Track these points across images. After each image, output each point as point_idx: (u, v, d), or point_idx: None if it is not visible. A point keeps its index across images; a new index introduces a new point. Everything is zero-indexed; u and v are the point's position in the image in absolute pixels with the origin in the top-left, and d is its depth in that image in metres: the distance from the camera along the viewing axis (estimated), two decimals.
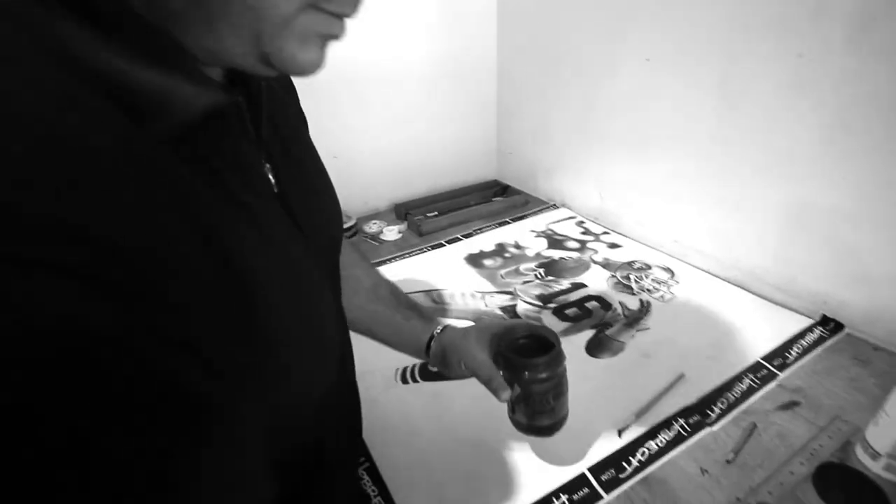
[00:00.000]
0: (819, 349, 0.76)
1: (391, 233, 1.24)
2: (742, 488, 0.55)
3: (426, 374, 0.76)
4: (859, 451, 0.58)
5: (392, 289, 0.59)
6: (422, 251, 1.16)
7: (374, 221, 1.30)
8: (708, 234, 0.98)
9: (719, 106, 0.87)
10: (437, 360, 0.57)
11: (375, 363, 0.78)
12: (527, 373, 0.50)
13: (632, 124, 1.07)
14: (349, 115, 1.27)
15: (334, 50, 0.27)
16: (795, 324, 0.81)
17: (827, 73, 0.71)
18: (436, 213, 1.33)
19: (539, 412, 0.53)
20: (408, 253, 1.15)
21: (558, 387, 0.53)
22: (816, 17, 0.70)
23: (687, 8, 0.87)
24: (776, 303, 0.87)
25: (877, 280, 0.74)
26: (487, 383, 0.52)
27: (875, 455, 0.55)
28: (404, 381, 0.75)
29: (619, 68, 1.04)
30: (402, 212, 1.34)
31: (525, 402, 0.52)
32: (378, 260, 1.12)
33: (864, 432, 0.57)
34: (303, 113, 0.44)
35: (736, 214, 0.91)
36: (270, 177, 0.31)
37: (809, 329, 0.80)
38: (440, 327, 0.57)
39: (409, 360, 0.77)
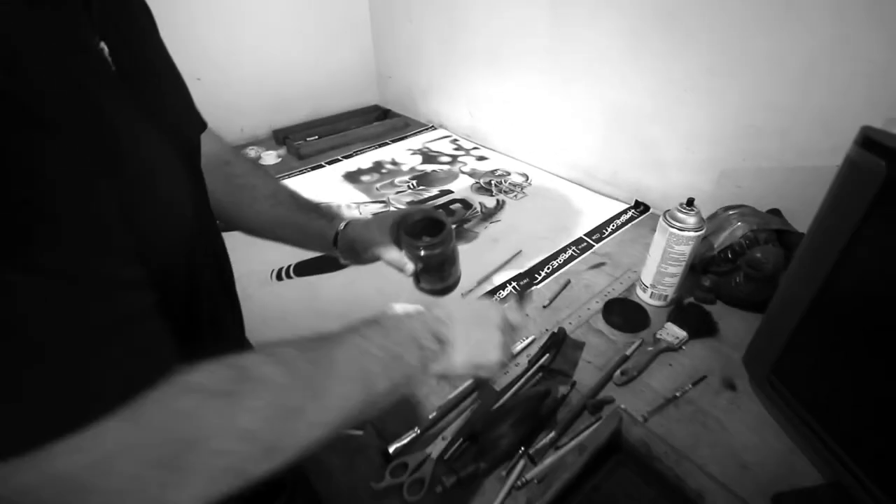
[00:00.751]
0: (629, 225, 0.94)
1: (269, 157, 1.23)
2: (551, 322, 0.71)
3: (300, 271, 0.82)
4: (637, 288, 0.76)
5: (291, 192, 0.60)
6: (301, 172, 1.18)
7: (251, 147, 1.28)
8: (553, 140, 1.12)
9: (551, 18, 0.98)
10: (345, 252, 0.60)
11: (250, 265, 0.83)
12: (422, 250, 0.56)
13: (487, 42, 1.15)
14: (209, 36, 1.20)
15: None
16: (615, 209, 0.99)
17: None
18: (316, 137, 1.34)
19: (437, 279, 0.60)
20: (286, 174, 1.17)
21: (450, 258, 0.60)
22: None
23: None
24: (604, 194, 1.05)
25: (668, 165, 0.93)
26: (394, 262, 0.58)
27: (645, 288, 0.73)
28: (279, 278, 0.81)
29: None
30: (281, 137, 1.33)
31: (425, 272, 0.59)
32: None
33: (640, 274, 0.75)
34: (150, 12, 0.45)
35: (572, 120, 1.06)
36: (107, 55, 0.32)
37: (624, 212, 0.99)
38: (343, 223, 0.59)
39: (280, 263, 0.84)
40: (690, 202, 0.65)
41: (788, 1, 0.68)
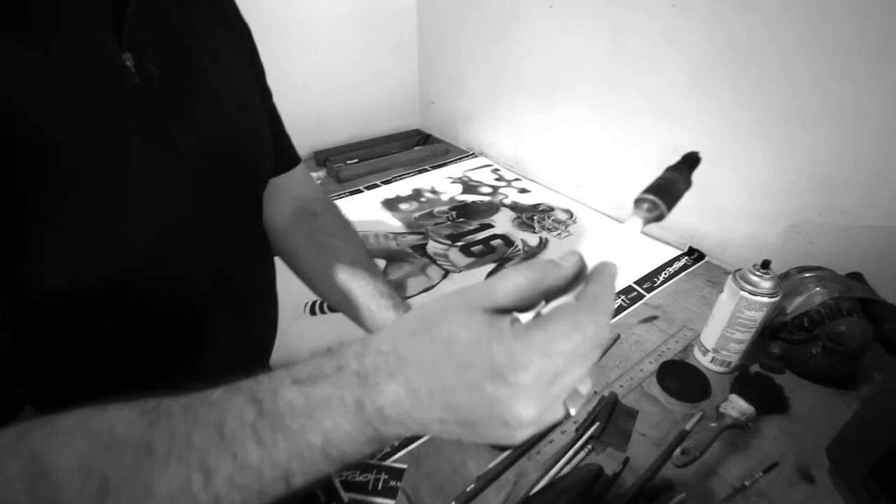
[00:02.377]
0: (682, 274, 0.88)
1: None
2: (600, 384, 0.65)
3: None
4: (696, 350, 0.69)
5: (369, 265, 0.55)
6: (340, 196, 1.17)
7: None
8: (601, 177, 1.07)
9: (610, 52, 0.94)
10: None
11: (284, 297, 0.80)
12: None
13: (539, 71, 1.12)
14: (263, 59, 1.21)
15: None
16: (667, 254, 0.93)
17: (695, 22, 0.79)
18: (356, 160, 1.33)
19: None
20: None
21: None
22: None
23: None
24: (654, 238, 0.99)
25: (727, 214, 0.86)
26: None
27: (705, 351, 0.67)
28: (313, 312, 0.78)
29: (527, 14, 1.07)
30: (322, 159, 1.33)
31: None
32: None
33: (700, 335, 0.69)
34: (237, 22, 0.48)
35: (623, 156, 1.01)
36: (129, 64, 0.33)
37: (677, 258, 0.92)
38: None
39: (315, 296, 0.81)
40: (766, 264, 0.59)
41: (872, 50, 0.62)
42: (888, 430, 0.42)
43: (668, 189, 0.30)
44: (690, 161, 0.33)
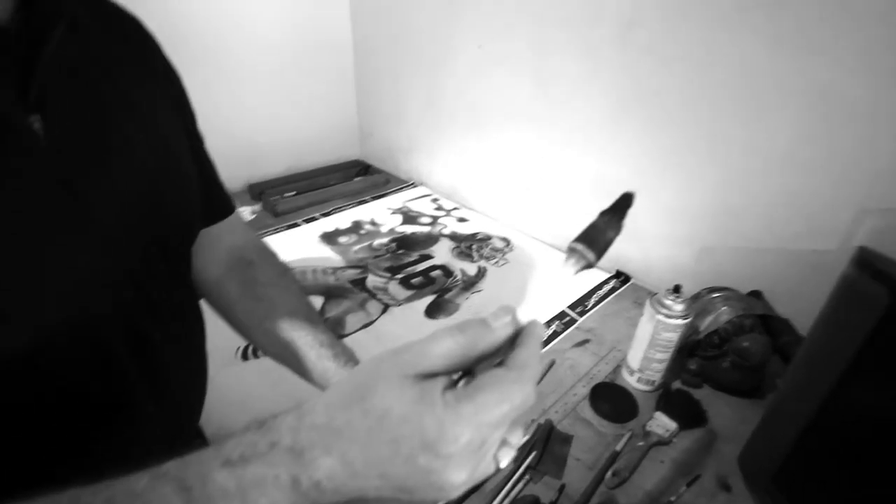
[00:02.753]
0: (611, 297, 0.93)
1: (243, 214, 1.19)
2: (536, 411, 0.67)
3: None
4: (624, 371, 0.73)
5: (308, 315, 0.54)
6: (276, 230, 1.14)
7: None
8: (534, 204, 1.13)
9: (534, 90, 1.00)
10: None
11: (214, 341, 0.77)
12: None
13: (470, 105, 1.16)
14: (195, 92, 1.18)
15: (163, 13, 0.28)
16: (597, 278, 0.98)
17: (607, 65, 0.86)
18: (294, 192, 1.31)
19: None
20: (260, 233, 1.13)
21: None
22: (595, 20, 0.84)
23: (507, 5, 0.97)
24: None
25: (648, 238, 0.93)
26: None
27: (631, 371, 0.71)
28: (244, 357, 0.75)
29: (458, 53, 1.12)
30: (257, 192, 1.29)
31: None
32: None
33: (626, 356, 0.73)
34: (163, 69, 0.46)
35: (552, 185, 1.06)
36: (37, 127, 0.31)
37: (606, 281, 0.98)
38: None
39: None
40: (677, 289, 0.64)
41: (761, 94, 0.70)
42: (784, 438, 0.46)
43: (597, 239, 0.33)
44: (622, 204, 0.34)
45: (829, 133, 0.66)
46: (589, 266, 0.33)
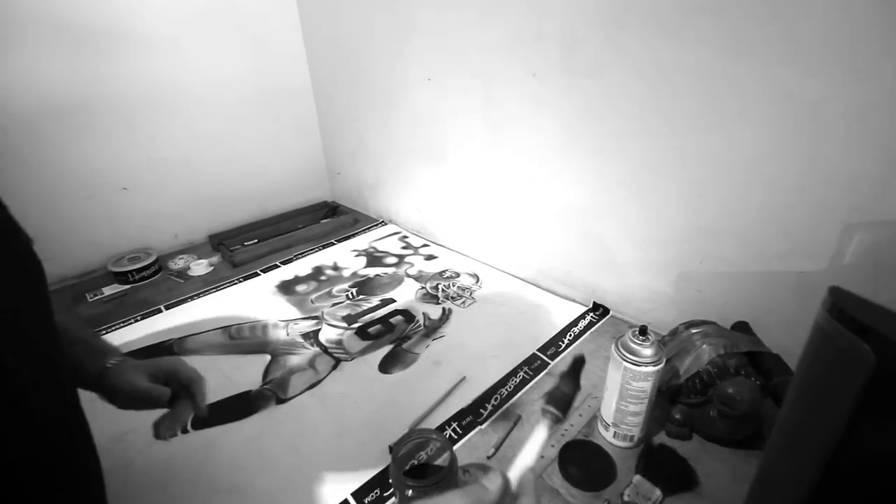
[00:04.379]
0: (588, 333, 0.84)
1: (199, 267, 1.13)
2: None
3: (199, 423, 0.68)
4: (599, 425, 0.64)
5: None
6: (232, 283, 1.07)
7: (181, 256, 1.18)
8: (501, 237, 1.05)
9: (485, 118, 0.95)
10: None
11: (140, 418, 0.69)
12: (411, 490, 0.47)
13: (426, 138, 1.11)
14: (141, 142, 1.14)
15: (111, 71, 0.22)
16: (573, 312, 0.90)
17: (554, 88, 0.80)
18: (255, 240, 1.25)
19: None
20: (215, 287, 1.06)
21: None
22: (536, 42, 0.79)
23: (450, 35, 0.93)
24: (560, 295, 0.96)
25: (622, 266, 0.85)
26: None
27: (607, 426, 0.62)
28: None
29: (409, 87, 1.08)
30: (216, 243, 1.23)
31: None
32: (179, 298, 1.01)
33: (600, 407, 0.64)
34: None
35: (518, 216, 0.99)
36: None
37: (583, 316, 0.89)
38: (115, 360, 0.52)
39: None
40: (644, 330, 0.56)
41: (720, 104, 0.64)
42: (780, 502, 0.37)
43: (561, 399, 0.41)
44: (576, 367, 0.43)
45: (799, 141, 0.59)
46: (559, 421, 0.41)
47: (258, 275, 1.11)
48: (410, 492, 0.48)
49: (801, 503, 0.33)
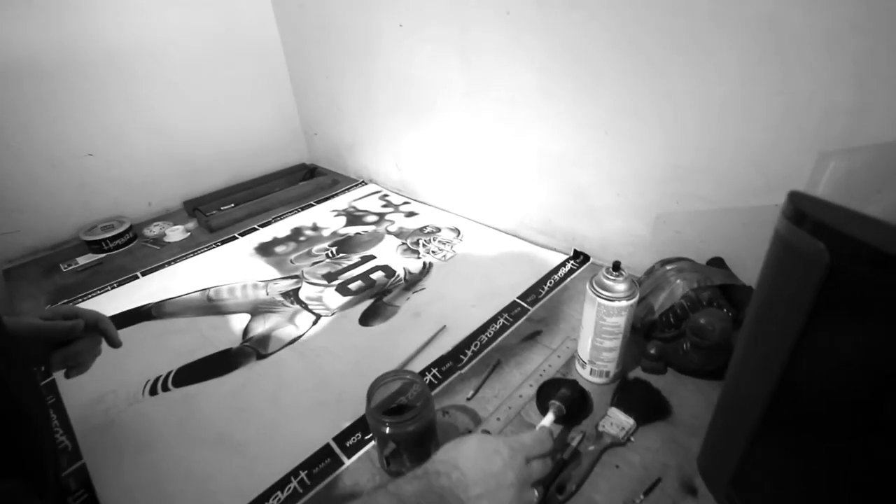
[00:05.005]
0: (568, 280, 0.85)
1: (175, 233, 1.10)
2: (476, 420, 0.59)
3: (181, 379, 0.68)
4: (576, 364, 0.65)
5: None
6: (210, 248, 1.06)
7: (156, 223, 1.15)
8: (482, 189, 1.04)
9: (462, 65, 0.91)
10: None
11: (121, 377, 0.69)
12: (389, 427, 0.49)
13: (401, 92, 1.07)
14: (105, 106, 1.09)
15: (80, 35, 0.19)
16: (554, 261, 0.90)
17: (529, 27, 0.77)
18: (232, 205, 1.23)
19: (416, 459, 0.50)
20: (193, 252, 1.04)
21: (429, 431, 0.52)
22: None
23: None
24: (540, 245, 0.95)
25: (600, 212, 0.85)
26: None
27: (584, 364, 0.62)
28: (153, 392, 0.67)
29: (380, 35, 1.03)
30: (191, 208, 1.21)
31: (397, 455, 0.51)
32: (157, 264, 1.00)
33: (577, 346, 0.64)
34: None
35: (497, 167, 0.97)
36: None
37: (563, 263, 0.89)
38: None
39: (160, 371, 0.70)
40: (617, 266, 0.56)
41: (696, 41, 0.62)
42: (737, 434, 0.38)
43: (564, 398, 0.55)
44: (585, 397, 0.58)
45: (773, 70, 0.58)
46: (561, 412, 0.54)
47: (236, 238, 1.09)
48: (388, 429, 0.49)
49: (763, 409, 0.34)
